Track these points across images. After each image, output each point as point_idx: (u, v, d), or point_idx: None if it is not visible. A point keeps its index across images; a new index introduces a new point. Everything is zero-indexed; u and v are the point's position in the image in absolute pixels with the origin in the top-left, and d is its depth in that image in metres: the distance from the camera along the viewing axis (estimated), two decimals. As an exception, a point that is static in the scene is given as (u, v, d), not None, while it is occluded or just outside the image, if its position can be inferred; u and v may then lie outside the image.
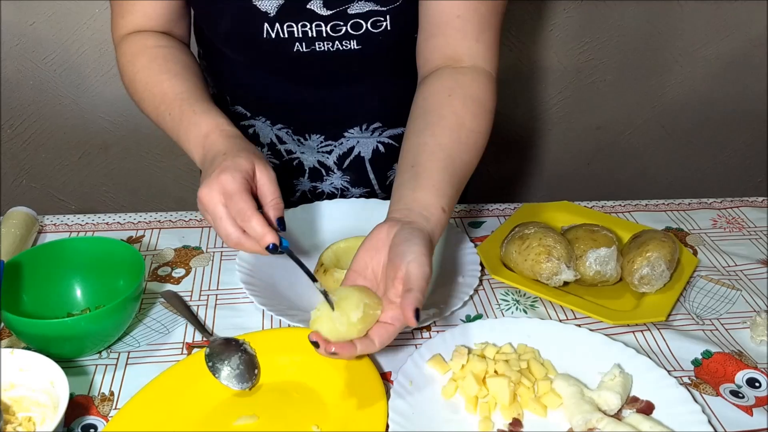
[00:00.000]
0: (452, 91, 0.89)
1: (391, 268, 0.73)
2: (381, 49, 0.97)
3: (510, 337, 0.85)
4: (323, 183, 1.15)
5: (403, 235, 0.74)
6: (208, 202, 0.76)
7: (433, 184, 0.81)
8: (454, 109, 0.87)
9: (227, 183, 0.76)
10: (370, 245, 0.76)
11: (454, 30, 0.90)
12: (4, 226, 0.99)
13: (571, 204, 1.13)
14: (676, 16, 1.78)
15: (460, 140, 0.85)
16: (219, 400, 0.77)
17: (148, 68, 0.93)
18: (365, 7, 0.91)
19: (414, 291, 0.69)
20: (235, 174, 0.76)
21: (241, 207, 0.75)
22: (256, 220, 0.75)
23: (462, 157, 0.85)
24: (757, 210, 1.16)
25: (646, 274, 0.92)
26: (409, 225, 0.75)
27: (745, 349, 0.87)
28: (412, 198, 0.80)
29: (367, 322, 0.71)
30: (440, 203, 0.80)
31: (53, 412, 0.71)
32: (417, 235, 0.73)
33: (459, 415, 0.76)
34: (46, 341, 0.78)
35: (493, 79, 0.93)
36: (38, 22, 1.62)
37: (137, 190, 1.89)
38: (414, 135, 0.87)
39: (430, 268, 0.71)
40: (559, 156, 2.00)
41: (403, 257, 0.71)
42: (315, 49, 0.95)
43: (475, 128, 0.87)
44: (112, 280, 0.88)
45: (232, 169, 0.77)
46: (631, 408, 0.76)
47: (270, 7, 0.91)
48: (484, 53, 0.92)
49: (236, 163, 0.78)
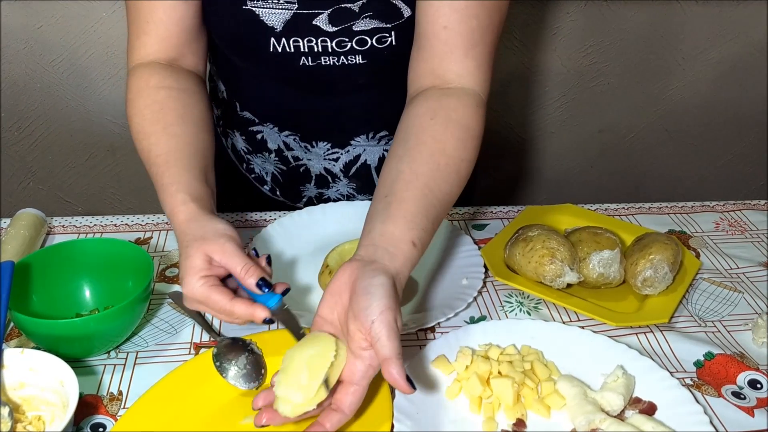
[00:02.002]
0: (435, 114, 0.84)
1: (354, 320, 0.69)
2: (386, 63, 0.96)
3: (514, 339, 0.85)
4: (329, 189, 1.16)
5: (364, 281, 0.69)
6: (197, 307, 0.77)
7: (403, 215, 0.76)
8: (435, 135, 0.82)
9: (194, 292, 0.75)
10: (334, 289, 0.72)
11: (440, 42, 0.85)
12: (13, 228, 1.00)
13: (575, 207, 1.14)
14: (679, 19, 1.79)
15: (439, 168, 0.80)
16: (226, 400, 0.78)
17: (142, 116, 0.90)
18: (370, 24, 0.91)
19: (392, 360, 0.66)
20: (193, 279, 0.75)
21: (219, 307, 0.75)
22: (237, 307, 0.74)
23: (441, 187, 0.80)
24: (759, 213, 1.17)
25: (649, 277, 0.93)
26: (371, 267, 0.71)
27: (747, 350, 0.88)
28: (381, 231, 0.75)
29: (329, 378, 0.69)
30: (410, 237, 0.75)
31: (63, 411, 0.72)
32: (379, 282, 0.69)
33: (463, 415, 0.77)
34: (56, 341, 0.79)
35: (482, 103, 0.87)
36: (46, 26, 1.64)
37: (144, 192, 1.90)
38: (392, 161, 0.82)
39: (397, 321, 0.68)
40: (562, 159, 2.01)
41: (366, 313, 0.67)
42: (321, 63, 0.95)
43: (458, 155, 0.82)
44: (120, 281, 0.89)
45: (190, 274, 0.75)
46: (634, 409, 0.77)
47: (276, 22, 0.91)
48: (473, 71, 0.86)
49: (191, 266, 0.75)
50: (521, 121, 1.92)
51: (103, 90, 1.73)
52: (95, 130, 1.78)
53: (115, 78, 1.71)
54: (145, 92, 0.91)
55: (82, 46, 1.67)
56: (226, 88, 1.11)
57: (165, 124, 0.88)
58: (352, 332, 0.69)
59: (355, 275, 0.71)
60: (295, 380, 0.68)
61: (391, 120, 1.07)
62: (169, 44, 0.94)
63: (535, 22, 1.77)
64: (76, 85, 1.72)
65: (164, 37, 0.93)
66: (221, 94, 1.14)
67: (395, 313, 0.68)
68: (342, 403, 0.69)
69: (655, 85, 1.89)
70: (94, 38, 1.66)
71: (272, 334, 0.86)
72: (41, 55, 1.67)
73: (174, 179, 0.83)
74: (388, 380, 0.67)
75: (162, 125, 0.88)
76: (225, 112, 1.15)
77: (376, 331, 0.67)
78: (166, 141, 0.87)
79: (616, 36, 1.80)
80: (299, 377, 0.68)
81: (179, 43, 0.95)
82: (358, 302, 0.68)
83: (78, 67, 1.70)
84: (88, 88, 1.73)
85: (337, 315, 0.72)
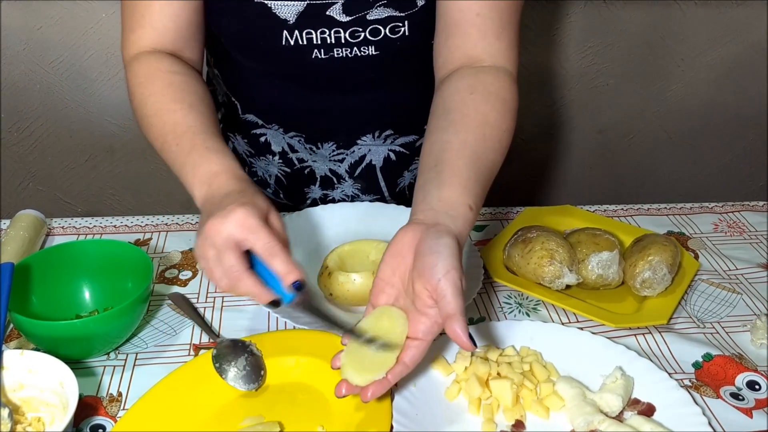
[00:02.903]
0: (474, 89, 0.86)
1: (419, 278, 0.70)
2: (398, 55, 0.96)
3: (513, 340, 0.85)
4: (334, 190, 1.16)
5: (429, 241, 0.71)
6: (217, 232, 0.71)
7: (459, 181, 0.78)
8: (477, 107, 0.85)
9: (249, 217, 0.71)
10: (395, 251, 0.74)
11: (474, 28, 0.89)
12: (12, 229, 1.00)
13: (574, 208, 1.14)
14: (679, 21, 1.79)
15: (485, 137, 0.83)
16: (225, 401, 0.78)
17: (162, 94, 0.89)
18: (384, 13, 0.91)
19: (456, 316, 0.68)
20: (255, 210, 0.72)
21: (267, 241, 0.71)
22: (284, 256, 0.71)
23: (488, 155, 0.82)
24: (758, 214, 1.17)
25: (648, 278, 0.93)
26: (435, 228, 0.72)
27: (746, 352, 0.88)
28: (438, 197, 0.76)
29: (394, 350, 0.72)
30: (467, 201, 0.77)
31: (62, 412, 0.72)
32: (445, 243, 0.71)
33: (462, 416, 0.77)
34: (55, 342, 0.79)
35: (514, 79, 0.91)
36: (45, 27, 1.64)
37: (143, 193, 1.90)
38: (436, 133, 0.84)
39: (462, 281, 0.70)
40: (561, 160, 2.01)
41: (432, 271, 0.69)
42: (333, 56, 0.95)
43: (500, 126, 0.85)
44: (120, 283, 0.89)
45: (251, 205, 0.72)
46: (633, 410, 0.77)
47: (289, 15, 0.91)
48: (504, 52, 0.90)
49: (255, 202, 0.74)
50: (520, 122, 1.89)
51: (103, 91, 1.73)
52: (95, 131, 1.79)
53: (115, 79, 1.71)
54: (159, 75, 0.91)
55: (82, 47, 1.67)
56: (228, 90, 1.11)
57: (189, 103, 0.88)
58: (418, 291, 0.71)
59: (419, 237, 0.72)
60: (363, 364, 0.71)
61: (397, 119, 1.07)
62: (165, 39, 0.94)
63: (535, 24, 1.77)
64: (76, 86, 1.72)
65: (160, 31, 0.93)
66: (221, 98, 1.14)
67: (460, 273, 0.70)
68: (405, 356, 0.72)
69: (655, 86, 1.90)
70: (94, 39, 1.66)
71: (272, 336, 0.86)
72: (41, 56, 1.67)
73: (223, 146, 0.83)
74: (450, 336, 0.69)
75: (187, 104, 0.88)
76: (226, 116, 1.15)
77: (443, 288, 0.68)
78: (196, 116, 0.86)
79: (616, 37, 1.81)
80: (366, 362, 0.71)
81: (175, 39, 0.94)
82: (424, 262, 0.70)
83: (78, 67, 1.70)
84: (88, 89, 1.73)
85: (399, 276, 0.74)
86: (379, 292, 0.75)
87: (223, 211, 0.71)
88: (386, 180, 1.15)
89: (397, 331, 0.72)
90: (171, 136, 0.85)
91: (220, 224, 0.71)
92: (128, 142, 1.80)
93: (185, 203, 1.86)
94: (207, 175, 0.79)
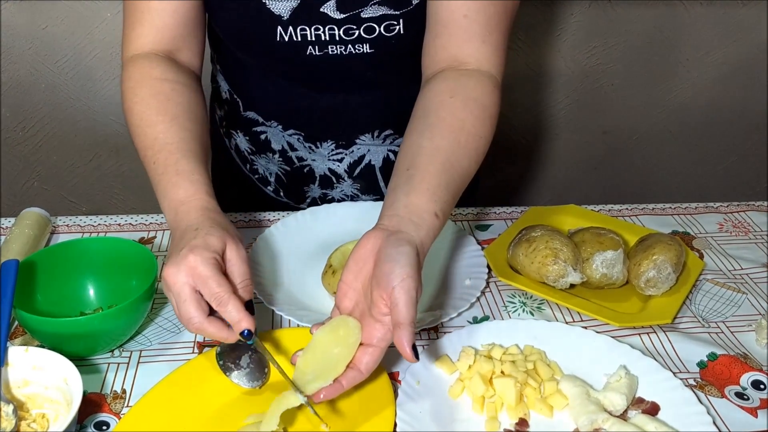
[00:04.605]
0: (454, 92, 0.86)
1: (377, 286, 0.71)
2: (393, 53, 0.96)
3: (517, 339, 0.85)
4: (333, 190, 1.16)
5: (389, 249, 0.72)
6: (173, 282, 0.72)
7: (427, 187, 0.78)
8: (455, 112, 0.85)
9: (198, 265, 0.72)
10: (358, 256, 0.74)
11: (460, 30, 0.88)
12: (17, 227, 1.01)
13: (578, 207, 1.14)
14: (683, 21, 1.79)
15: (459, 144, 0.83)
16: (229, 399, 0.78)
17: (147, 103, 0.89)
18: (378, 11, 0.92)
19: (404, 326, 0.68)
20: (205, 254, 0.72)
21: (216, 291, 0.72)
22: (233, 304, 0.72)
23: (461, 162, 0.82)
24: (763, 214, 1.17)
25: (653, 277, 0.93)
26: (396, 236, 0.73)
27: (750, 351, 0.87)
28: (405, 203, 0.77)
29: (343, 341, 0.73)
30: (434, 208, 0.77)
31: (66, 409, 0.72)
32: (403, 251, 0.71)
33: (466, 414, 0.77)
34: (60, 339, 0.79)
35: (498, 85, 0.90)
36: (51, 26, 1.64)
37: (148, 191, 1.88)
38: (412, 136, 0.84)
39: (417, 291, 0.70)
40: (566, 160, 2.01)
41: (388, 279, 0.69)
42: (328, 53, 0.95)
43: (477, 132, 0.85)
44: (124, 280, 0.89)
45: (202, 248, 0.73)
46: (637, 409, 0.77)
47: (283, 10, 0.92)
48: (489, 56, 0.90)
49: (207, 242, 0.74)
50: (525, 122, 1.92)
51: (107, 90, 1.74)
52: (100, 130, 1.79)
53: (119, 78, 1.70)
54: (148, 82, 0.91)
55: (86, 47, 1.68)
56: (230, 87, 1.12)
57: (173, 115, 0.88)
58: (374, 298, 0.71)
59: (380, 243, 0.73)
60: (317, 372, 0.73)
61: (397, 118, 1.07)
62: (165, 36, 0.94)
63: (539, 24, 1.77)
64: (81, 85, 1.73)
65: (160, 28, 0.93)
66: (225, 95, 1.14)
67: (416, 283, 0.70)
68: (359, 362, 0.72)
69: (660, 86, 1.89)
70: (98, 38, 1.67)
71: (276, 333, 0.86)
72: (46, 56, 1.68)
73: (194, 166, 0.83)
74: (396, 345, 0.69)
75: (170, 116, 0.88)
76: (228, 113, 1.15)
77: (396, 296, 0.69)
78: (176, 131, 0.86)
79: (621, 37, 1.80)
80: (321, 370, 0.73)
81: (175, 35, 0.95)
82: (382, 269, 0.71)
83: (83, 67, 1.70)
84: (93, 89, 1.74)
85: (360, 281, 0.74)
86: (342, 296, 0.76)
87: (177, 256, 0.73)
88: (386, 180, 1.15)
89: (351, 341, 0.73)
90: (150, 152, 0.86)
91: (174, 274, 0.72)
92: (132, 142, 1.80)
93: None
94: (174, 202, 0.81)
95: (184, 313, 0.73)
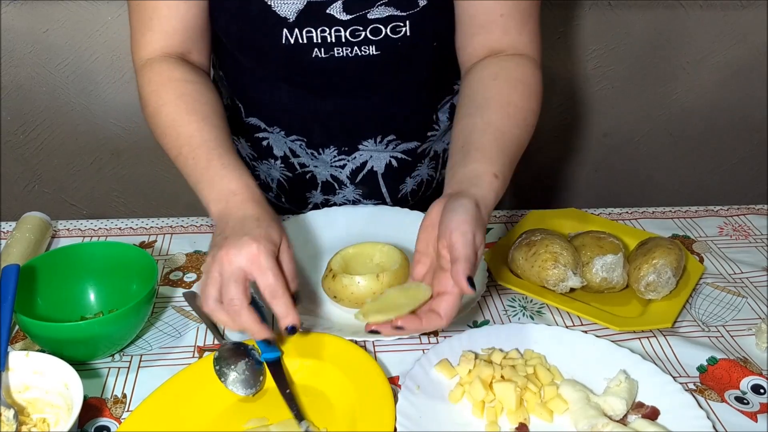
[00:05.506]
0: (497, 75, 0.91)
1: (441, 239, 0.75)
2: (400, 56, 0.96)
3: (517, 343, 0.85)
4: (336, 196, 1.16)
5: (448, 207, 0.76)
6: (229, 263, 0.74)
7: (482, 155, 0.82)
8: (501, 90, 0.89)
9: (261, 254, 0.75)
10: (426, 224, 0.79)
11: (498, 27, 0.93)
12: (18, 231, 1.01)
13: (578, 211, 1.14)
14: (684, 24, 1.79)
15: (508, 116, 0.87)
16: (230, 403, 0.78)
17: (175, 104, 0.90)
18: (385, 12, 0.92)
19: (460, 260, 0.71)
20: (269, 247, 0.76)
21: (271, 283, 0.75)
22: (285, 298, 0.75)
23: (512, 131, 0.86)
24: (764, 218, 1.17)
25: (653, 281, 0.93)
26: (456, 195, 0.77)
27: (750, 355, 0.88)
28: (463, 173, 0.81)
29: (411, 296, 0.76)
30: (491, 169, 0.81)
31: (67, 413, 0.73)
32: (461, 204, 0.75)
33: (466, 419, 0.77)
34: (60, 344, 0.80)
35: (538, 65, 0.95)
36: (51, 29, 1.64)
37: (149, 195, 1.90)
38: (462, 120, 0.88)
39: (473, 233, 0.73)
40: (566, 163, 2.01)
41: (447, 227, 0.74)
42: (333, 55, 0.95)
43: (524, 106, 0.89)
44: (125, 284, 0.89)
45: (266, 239, 0.76)
46: (637, 413, 0.77)
47: (289, 12, 0.91)
48: (526, 43, 0.94)
49: (269, 234, 0.78)
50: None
51: (108, 93, 1.74)
52: (100, 133, 1.79)
53: (120, 82, 1.72)
54: (171, 84, 0.92)
55: (87, 50, 1.68)
56: (232, 92, 1.11)
57: (203, 115, 0.90)
58: (440, 249, 0.75)
59: (443, 206, 0.77)
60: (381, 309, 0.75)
61: (399, 124, 1.07)
62: (174, 41, 0.95)
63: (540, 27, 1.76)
64: (82, 89, 1.73)
65: (169, 33, 0.94)
66: (226, 101, 1.14)
67: (473, 227, 0.73)
68: (438, 307, 0.74)
69: (660, 89, 1.89)
70: (99, 42, 1.67)
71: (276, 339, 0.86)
72: (47, 59, 1.68)
73: (238, 162, 0.87)
74: (453, 279, 0.72)
75: (201, 116, 0.90)
76: (229, 119, 1.15)
77: (453, 239, 0.73)
78: (210, 130, 0.89)
79: (621, 40, 1.80)
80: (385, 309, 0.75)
81: (184, 39, 0.95)
82: (443, 222, 0.75)
83: (83, 70, 1.70)
84: (94, 92, 1.74)
85: (432, 246, 0.78)
86: (416, 264, 0.79)
87: (239, 241, 0.75)
88: (388, 186, 1.15)
89: (419, 298, 0.76)
90: (186, 149, 0.87)
91: (233, 255, 0.74)
92: (133, 145, 1.80)
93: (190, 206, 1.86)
94: (224, 192, 0.83)
95: (229, 293, 0.74)
